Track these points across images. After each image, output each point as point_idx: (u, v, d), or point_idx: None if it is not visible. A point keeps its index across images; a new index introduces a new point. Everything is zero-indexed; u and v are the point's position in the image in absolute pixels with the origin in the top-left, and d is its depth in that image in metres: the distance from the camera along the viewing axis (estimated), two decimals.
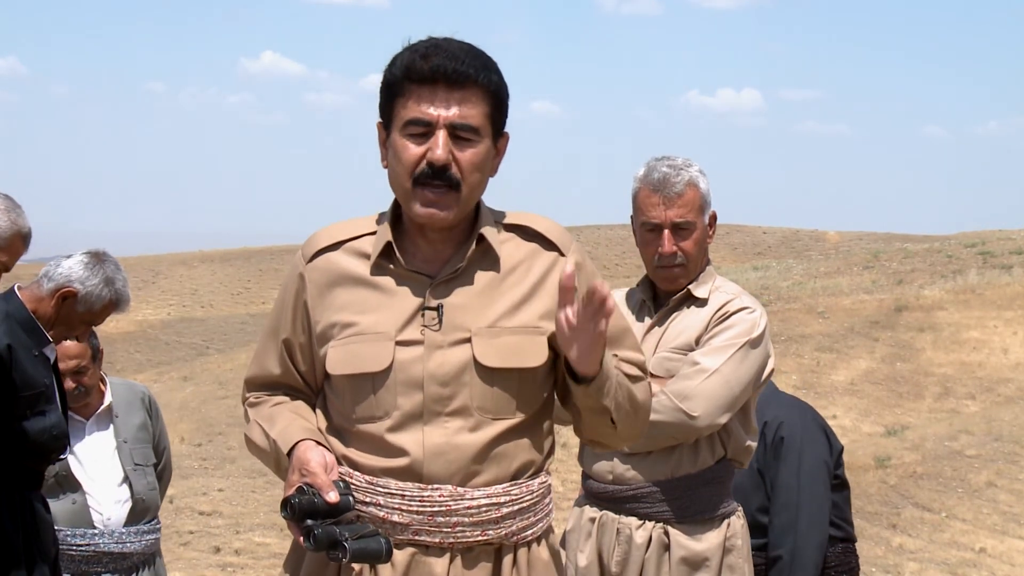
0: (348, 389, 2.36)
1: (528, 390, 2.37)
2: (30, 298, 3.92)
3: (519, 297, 2.37)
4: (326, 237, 2.43)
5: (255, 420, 2.46)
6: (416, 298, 2.35)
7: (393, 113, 2.34)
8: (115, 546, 4.40)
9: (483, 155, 2.34)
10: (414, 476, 2.32)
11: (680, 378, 3.23)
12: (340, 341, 2.36)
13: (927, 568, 10.76)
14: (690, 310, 3.36)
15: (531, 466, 2.40)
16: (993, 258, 29.12)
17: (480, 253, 2.38)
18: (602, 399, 2.32)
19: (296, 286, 2.43)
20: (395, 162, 2.34)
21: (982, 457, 13.51)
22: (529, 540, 2.40)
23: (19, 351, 3.81)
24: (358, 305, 2.36)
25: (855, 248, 43.39)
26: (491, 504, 2.33)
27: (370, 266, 2.38)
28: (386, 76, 2.35)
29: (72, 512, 4.38)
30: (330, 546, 2.22)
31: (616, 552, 3.30)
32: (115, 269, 3.99)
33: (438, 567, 2.32)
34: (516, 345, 2.33)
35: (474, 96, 2.31)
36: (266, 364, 2.49)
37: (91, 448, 4.48)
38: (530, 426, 2.39)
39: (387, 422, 2.33)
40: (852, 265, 31.57)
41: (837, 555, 4.02)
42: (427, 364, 2.32)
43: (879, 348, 22.28)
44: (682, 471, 3.27)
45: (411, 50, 2.32)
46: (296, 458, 2.31)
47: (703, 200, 3.35)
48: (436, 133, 2.29)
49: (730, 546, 3.31)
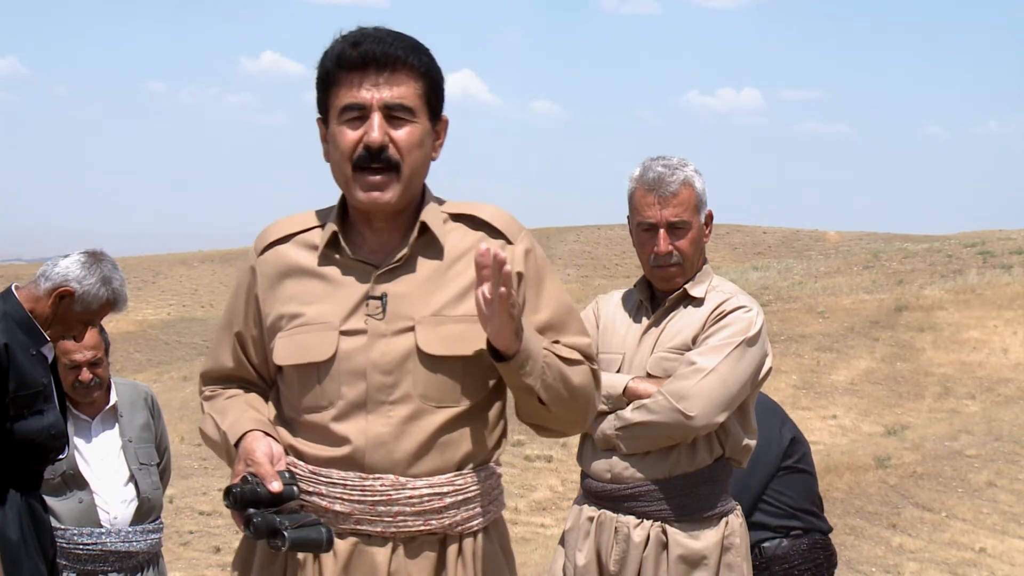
0: (295, 380, 2.38)
1: (472, 378, 2.37)
2: (27, 297, 3.92)
3: (464, 286, 2.36)
4: (277, 230, 2.46)
5: (208, 413, 2.48)
6: (361, 287, 2.36)
7: (329, 104, 2.36)
8: (121, 545, 4.41)
9: (420, 135, 2.35)
10: (356, 465, 2.33)
11: (677, 378, 3.23)
12: (287, 332, 2.38)
13: (927, 568, 10.76)
14: (687, 310, 3.36)
15: (477, 456, 2.40)
16: (993, 258, 29.13)
17: (425, 242, 2.39)
18: (525, 378, 2.31)
19: (248, 279, 2.45)
20: (334, 151, 2.36)
21: (982, 457, 13.52)
22: (475, 530, 2.39)
23: (17, 350, 3.82)
24: (305, 296, 2.38)
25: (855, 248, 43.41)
26: (434, 494, 2.33)
27: (317, 257, 2.40)
28: (319, 70, 2.38)
29: (79, 511, 4.38)
30: (270, 534, 2.22)
31: (614, 551, 3.30)
32: (112, 268, 3.99)
33: (380, 556, 2.33)
34: (460, 333, 2.34)
35: (406, 77, 2.33)
36: (220, 358, 2.51)
37: (97, 447, 4.49)
38: (475, 415, 2.39)
39: (331, 411, 2.34)
40: (852, 265, 31.58)
41: (801, 552, 3.98)
42: (370, 353, 2.33)
43: (879, 348, 22.29)
44: (680, 470, 3.27)
45: (341, 40, 2.35)
46: (242, 448, 2.33)
47: (698, 199, 3.35)
48: (371, 116, 2.31)
49: (728, 544, 3.31)
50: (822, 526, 4.08)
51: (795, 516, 4.00)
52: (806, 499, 4.05)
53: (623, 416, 3.26)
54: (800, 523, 4.00)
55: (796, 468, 4.04)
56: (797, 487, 4.04)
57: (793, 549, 3.96)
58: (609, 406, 3.29)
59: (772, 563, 3.95)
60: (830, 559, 4.09)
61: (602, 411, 3.30)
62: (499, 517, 2.48)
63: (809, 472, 4.10)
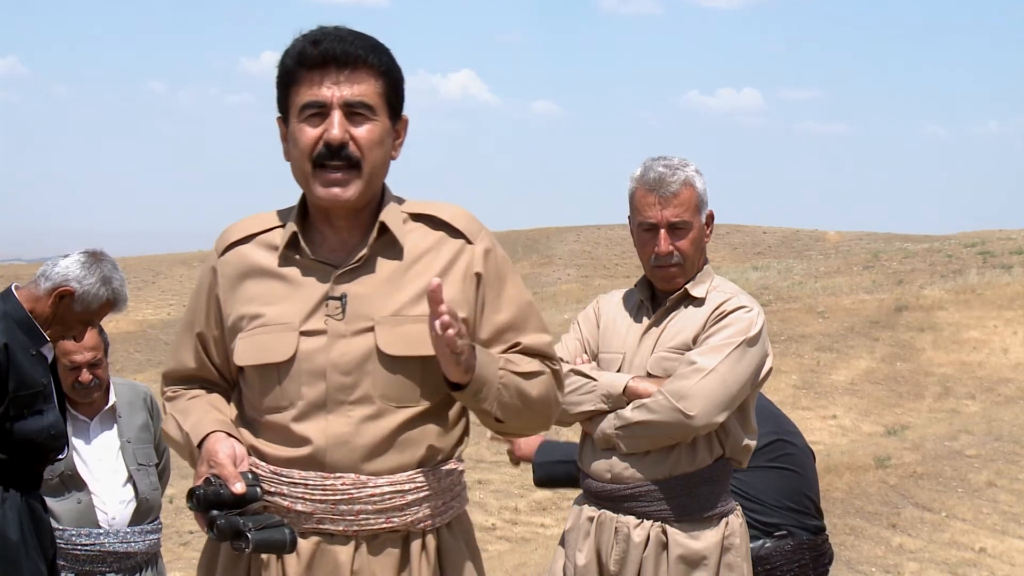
0: (256, 380, 2.39)
1: (433, 378, 2.37)
2: (27, 297, 3.92)
3: (423, 286, 2.35)
4: (238, 231, 2.46)
5: (171, 413, 2.48)
6: (321, 288, 2.37)
7: (289, 103, 2.37)
8: (120, 546, 4.41)
9: (380, 133, 2.36)
10: (316, 465, 2.34)
11: (677, 377, 3.23)
12: (248, 332, 2.38)
13: (927, 568, 10.76)
14: (687, 310, 3.36)
15: (438, 453, 2.41)
16: (993, 258, 29.12)
17: (384, 242, 2.40)
18: (480, 403, 2.34)
19: (208, 280, 2.46)
20: (294, 148, 2.36)
21: (982, 457, 13.51)
22: (437, 526, 2.41)
23: (17, 350, 3.81)
24: (265, 296, 2.39)
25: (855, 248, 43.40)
26: (395, 491, 2.35)
27: (277, 257, 2.40)
28: (279, 68, 2.38)
29: (77, 512, 4.38)
30: (233, 536, 2.23)
31: (614, 551, 3.30)
32: (112, 268, 3.99)
33: (343, 555, 2.34)
34: (419, 333, 2.33)
35: (366, 75, 2.34)
36: (182, 358, 2.51)
37: (96, 448, 4.49)
38: (436, 414, 2.41)
39: (292, 412, 2.35)
40: (852, 265, 31.58)
41: (784, 552, 3.95)
42: (330, 354, 2.34)
43: (879, 348, 22.29)
44: (680, 470, 3.27)
45: (301, 39, 2.36)
46: (205, 449, 2.34)
47: (699, 199, 3.34)
48: (331, 114, 2.32)
49: (728, 545, 3.31)
50: (809, 525, 4.06)
51: (775, 512, 3.97)
52: (788, 498, 4.02)
53: (623, 415, 3.26)
54: (783, 520, 3.98)
55: (777, 467, 4.03)
56: (777, 485, 4.02)
57: (776, 550, 3.94)
58: (609, 405, 3.29)
59: (754, 564, 3.94)
60: (818, 560, 4.07)
61: (602, 410, 3.30)
62: (463, 513, 2.50)
63: (795, 471, 4.07)
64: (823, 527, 4.16)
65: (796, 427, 4.25)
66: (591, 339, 3.45)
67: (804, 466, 4.13)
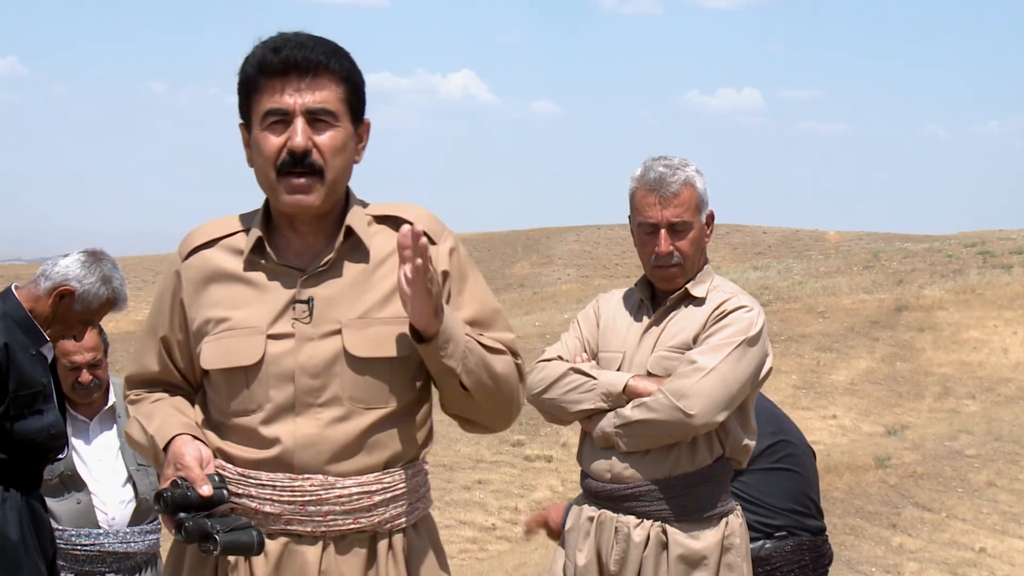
0: (223, 383, 2.40)
1: (400, 380, 2.40)
2: (27, 297, 3.92)
3: (390, 288, 2.38)
4: (201, 235, 2.47)
5: (134, 416, 2.49)
6: (287, 292, 2.38)
7: (252, 110, 2.37)
8: (119, 546, 4.41)
9: (343, 139, 2.37)
10: (284, 466, 2.35)
11: (677, 376, 3.23)
12: (214, 336, 2.39)
13: (927, 568, 10.76)
14: (688, 309, 3.36)
15: (404, 455, 2.43)
16: (993, 258, 29.14)
17: (350, 245, 2.41)
18: (446, 360, 2.33)
19: (172, 284, 2.46)
20: (257, 156, 2.37)
21: (982, 457, 13.51)
22: (404, 527, 2.43)
23: (16, 350, 3.81)
24: (231, 301, 2.40)
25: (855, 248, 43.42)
26: (362, 492, 2.36)
27: (242, 261, 2.41)
28: (240, 76, 2.39)
29: (77, 512, 4.38)
30: (201, 538, 2.25)
31: (614, 551, 3.30)
32: (112, 268, 3.99)
33: (311, 555, 2.36)
34: (387, 335, 2.37)
35: (327, 82, 2.35)
36: (145, 362, 2.52)
37: (95, 448, 4.49)
38: (403, 416, 2.42)
39: (260, 415, 2.36)
40: (852, 265, 31.59)
41: (784, 553, 3.95)
42: (298, 357, 2.36)
43: (879, 348, 22.30)
44: (680, 470, 3.27)
45: (261, 46, 2.36)
46: (171, 452, 2.35)
47: (700, 199, 3.34)
48: (294, 121, 2.33)
49: (728, 545, 3.31)
50: (810, 526, 4.06)
51: (779, 514, 3.98)
52: (790, 499, 4.03)
53: (623, 414, 3.26)
54: (785, 522, 3.98)
55: (778, 468, 4.03)
56: (780, 486, 4.02)
57: (776, 551, 3.94)
58: (609, 404, 3.29)
59: (754, 564, 3.94)
60: (818, 560, 4.07)
61: (602, 409, 3.30)
62: (428, 514, 2.51)
63: (796, 472, 4.07)
64: (823, 527, 4.16)
65: (797, 427, 4.25)
66: (591, 338, 3.45)
67: (806, 467, 4.13)
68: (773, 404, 4.17)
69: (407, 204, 2.48)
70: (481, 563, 14.02)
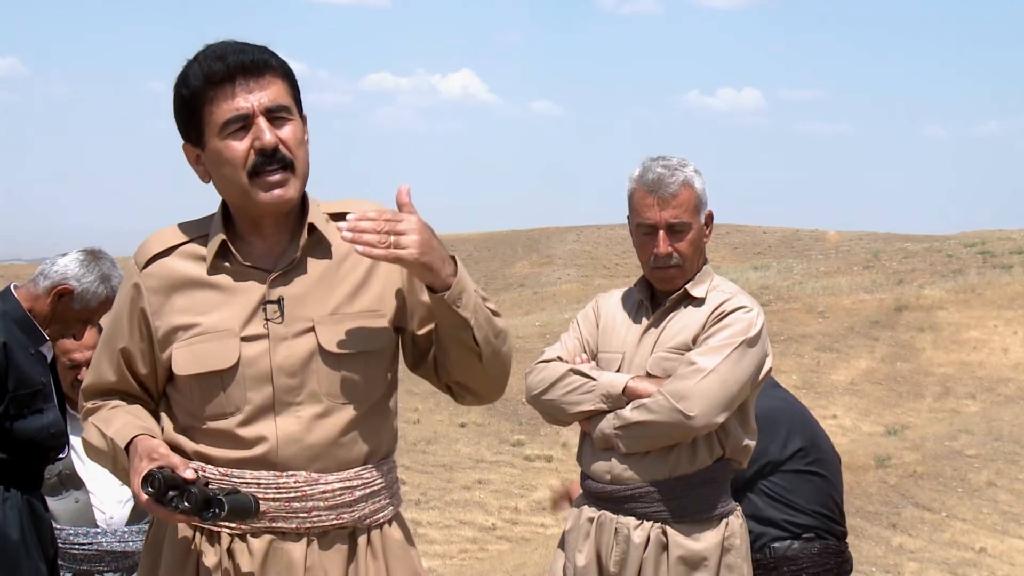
0: (196, 389, 2.39)
1: (374, 373, 2.42)
2: (26, 296, 3.92)
3: (356, 282, 2.42)
4: (157, 243, 2.46)
5: (91, 423, 2.49)
6: (256, 293, 2.39)
7: (203, 126, 2.37)
8: (117, 545, 4.41)
9: (300, 130, 2.39)
10: (268, 465, 2.37)
11: (677, 378, 3.22)
12: (184, 343, 2.39)
13: (927, 568, 10.76)
14: (687, 310, 3.35)
15: (380, 449, 2.46)
16: (993, 258, 29.14)
17: (313, 243, 2.42)
18: (461, 310, 2.33)
19: (131, 294, 2.45)
20: (221, 165, 2.37)
21: (982, 457, 13.51)
22: (381, 522, 2.46)
23: (16, 349, 3.81)
24: (199, 306, 2.40)
25: (855, 248, 43.42)
26: (344, 488, 2.39)
27: (207, 266, 2.41)
28: (182, 94, 2.38)
29: (75, 511, 4.37)
30: (204, 506, 2.25)
31: (614, 552, 3.29)
32: (111, 266, 3.98)
33: (296, 552, 2.37)
34: (358, 330, 2.39)
35: (273, 78, 2.37)
36: (102, 373, 2.51)
37: None
38: (379, 410, 2.45)
39: (238, 417, 2.37)
40: (852, 265, 31.59)
41: (811, 555, 3.96)
42: (274, 357, 2.37)
43: (879, 348, 22.30)
44: (680, 471, 3.26)
45: (198, 61, 2.37)
46: (142, 447, 2.34)
47: (698, 200, 3.34)
48: (256, 122, 2.34)
49: (728, 545, 3.30)
50: (836, 531, 4.09)
51: (808, 516, 3.99)
52: (819, 503, 4.05)
53: (622, 415, 3.25)
54: (813, 523, 4.00)
55: (809, 471, 4.04)
56: (809, 489, 4.04)
57: (804, 551, 3.95)
58: (608, 405, 3.28)
59: (781, 563, 3.94)
60: (842, 566, 4.10)
61: (601, 410, 3.30)
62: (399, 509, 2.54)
63: (825, 477, 4.10)
64: (846, 533, 4.19)
65: (824, 431, 4.26)
66: (590, 339, 3.44)
67: (833, 472, 4.16)
68: (804, 407, 4.18)
69: (356, 199, 2.50)
70: (481, 563, 14.02)
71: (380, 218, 2.27)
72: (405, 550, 2.50)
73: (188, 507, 2.25)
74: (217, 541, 2.39)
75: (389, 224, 2.27)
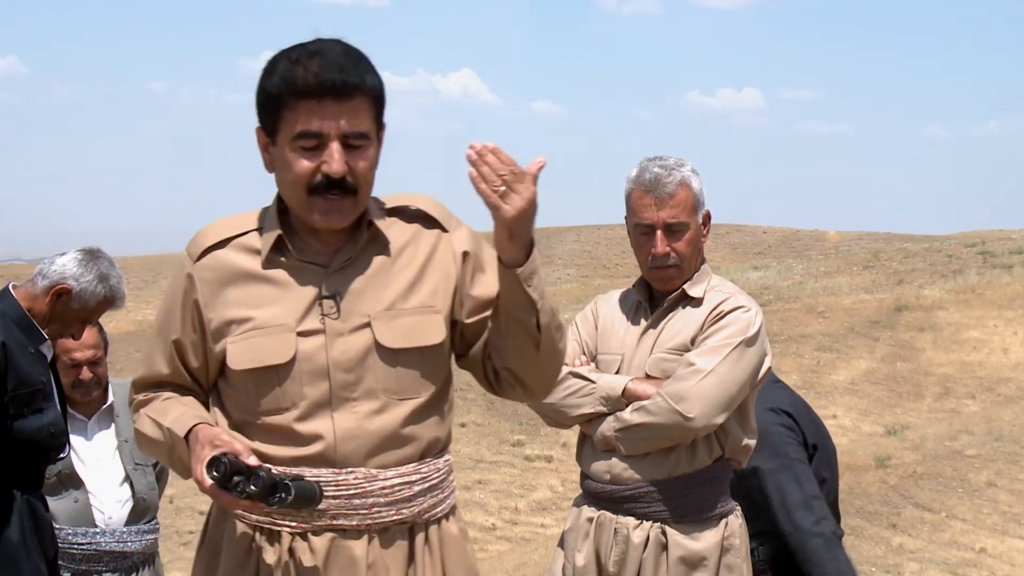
0: (251, 383, 2.38)
1: (430, 368, 2.41)
2: (25, 296, 3.92)
3: (411, 278, 2.41)
4: (212, 235, 2.44)
5: (145, 413, 2.47)
6: (312, 288, 2.37)
7: (278, 125, 2.32)
8: (116, 545, 4.41)
9: (374, 157, 2.35)
10: (327, 462, 2.35)
11: (676, 379, 3.22)
12: (239, 337, 2.37)
13: (927, 568, 10.75)
14: (685, 310, 3.35)
15: (438, 444, 2.46)
16: (993, 258, 29.14)
17: (369, 238, 2.41)
18: (531, 290, 2.32)
19: (184, 286, 2.43)
20: (287, 173, 2.34)
21: (982, 457, 13.51)
22: (439, 517, 2.45)
23: (15, 349, 3.81)
24: (253, 300, 2.38)
25: (855, 248, 43.42)
26: (403, 483, 2.38)
27: (261, 260, 2.39)
28: (266, 86, 2.32)
29: (74, 511, 4.37)
30: (270, 491, 2.22)
31: (614, 552, 3.29)
32: (109, 266, 3.98)
33: (358, 549, 2.37)
34: (414, 325, 2.38)
35: (362, 104, 2.30)
36: (155, 365, 2.49)
37: (93, 447, 4.49)
38: (435, 404, 2.44)
39: (295, 412, 2.36)
40: (852, 265, 31.60)
41: None
42: (331, 352, 2.35)
43: (879, 348, 22.30)
44: (679, 471, 3.26)
45: (290, 60, 2.29)
46: (203, 434, 2.31)
47: (696, 200, 3.33)
48: (329, 146, 2.28)
49: (728, 545, 3.30)
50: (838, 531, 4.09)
51: None
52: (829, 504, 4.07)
53: (622, 417, 3.25)
54: None
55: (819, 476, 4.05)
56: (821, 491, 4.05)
57: None
58: (608, 407, 3.28)
59: (769, 566, 3.94)
60: None
61: (601, 412, 3.29)
62: (455, 503, 2.53)
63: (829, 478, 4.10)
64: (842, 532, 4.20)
65: (825, 427, 4.26)
66: (589, 340, 3.44)
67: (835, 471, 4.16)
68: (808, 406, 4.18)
69: (415, 194, 2.49)
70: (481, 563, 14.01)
71: (508, 164, 2.24)
72: (461, 544, 2.49)
73: (255, 491, 2.20)
74: (278, 540, 2.38)
75: (512, 175, 2.24)
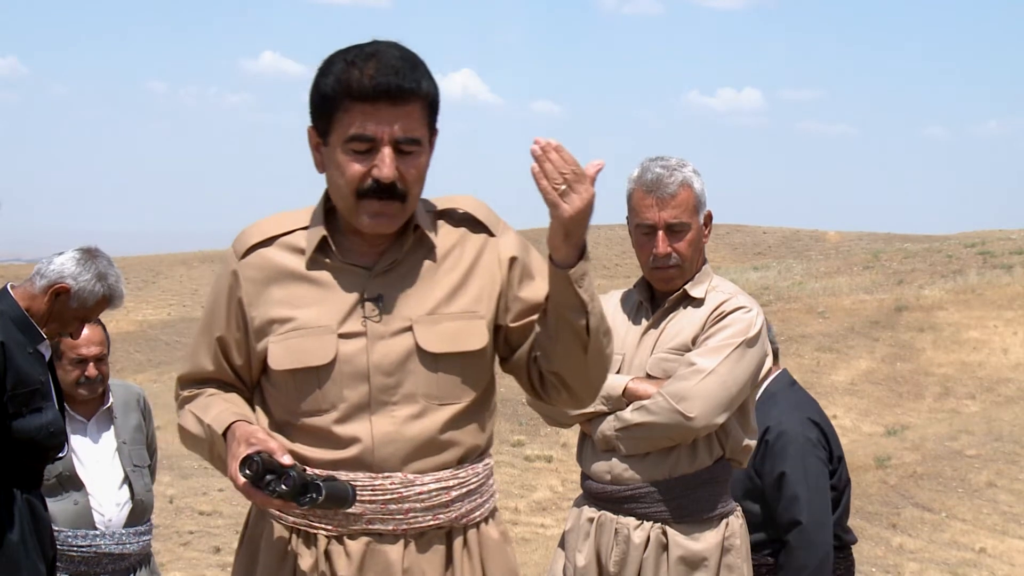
0: (291, 384, 2.37)
1: (472, 374, 2.39)
2: (23, 296, 3.91)
3: (455, 283, 2.38)
4: (258, 233, 2.43)
5: (188, 410, 2.46)
6: (354, 291, 2.36)
7: (331, 126, 2.30)
8: (115, 547, 4.40)
9: (425, 162, 2.33)
10: (364, 466, 2.33)
11: (677, 379, 3.22)
12: (280, 336, 2.36)
13: (927, 568, 10.75)
14: (687, 310, 3.34)
15: (477, 449, 2.43)
16: (993, 258, 29.14)
17: (415, 242, 2.39)
18: (582, 291, 2.30)
19: (229, 283, 2.42)
20: (337, 175, 2.32)
21: (982, 457, 13.51)
22: (478, 521, 2.43)
23: (13, 348, 3.80)
24: (296, 300, 2.37)
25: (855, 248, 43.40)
26: (441, 488, 2.36)
27: (305, 260, 2.38)
28: (321, 86, 2.30)
29: (74, 513, 4.37)
30: (302, 491, 2.21)
31: (614, 552, 3.29)
32: (107, 265, 3.98)
33: (393, 554, 2.35)
34: (457, 330, 2.36)
35: (416, 109, 2.29)
36: (199, 361, 2.48)
37: (93, 448, 4.48)
38: (476, 410, 2.41)
39: (334, 414, 2.34)
40: (852, 265, 31.59)
41: None
42: (371, 355, 2.34)
43: (879, 348, 22.29)
44: (680, 471, 3.26)
45: (346, 62, 2.28)
46: (240, 432, 2.30)
47: (697, 200, 3.33)
48: (381, 150, 2.27)
49: (728, 546, 3.30)
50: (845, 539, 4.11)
51: None
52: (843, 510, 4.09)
53: (623, 417, 3.25)
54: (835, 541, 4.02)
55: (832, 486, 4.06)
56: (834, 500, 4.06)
57: None
58: (609, 407, 3.27)
59: None
60: (849, 569, 4.14)
61: (602, 412, 3.29)
62: (495, 506, 2.51)
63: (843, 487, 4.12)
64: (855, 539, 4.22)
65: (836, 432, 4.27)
66: None
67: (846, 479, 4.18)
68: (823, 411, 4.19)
69: (459, 196, 2.47)
70: None
71: (570, 164, 2.22)
72: (501, 548, 2.47)
73: (285, 490, 2.19)
74: (314, 543, 2.37)
75: (573, 175, 2.22)
